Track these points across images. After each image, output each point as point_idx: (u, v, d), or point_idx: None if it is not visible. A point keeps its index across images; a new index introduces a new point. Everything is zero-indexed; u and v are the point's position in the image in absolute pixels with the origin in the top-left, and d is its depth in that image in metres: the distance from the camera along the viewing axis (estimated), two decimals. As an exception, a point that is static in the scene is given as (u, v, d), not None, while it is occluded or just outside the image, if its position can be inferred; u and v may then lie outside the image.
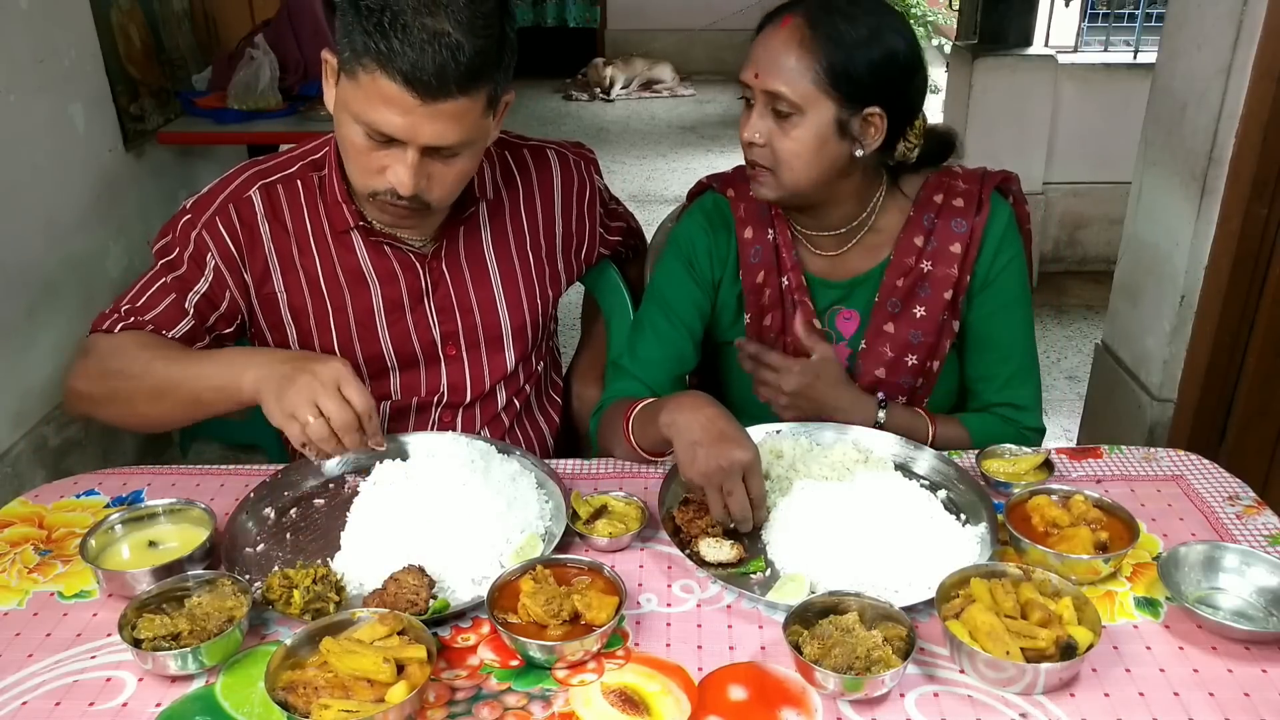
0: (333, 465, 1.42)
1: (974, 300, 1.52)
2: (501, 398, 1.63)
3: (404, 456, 1.38)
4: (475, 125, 1.31)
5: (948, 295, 1.50)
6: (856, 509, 1.24)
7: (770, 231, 1.55)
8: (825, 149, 1.39)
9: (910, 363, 1.52)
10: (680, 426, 1.27)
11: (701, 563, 1.22)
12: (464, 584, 1.19)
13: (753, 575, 1.22)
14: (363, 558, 1.22)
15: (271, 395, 1.26)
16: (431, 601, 1.14)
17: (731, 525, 1.26)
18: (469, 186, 1.47)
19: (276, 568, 1.19)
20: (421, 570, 1.15)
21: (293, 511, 1.35)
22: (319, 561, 1.22)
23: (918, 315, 1.51)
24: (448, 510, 1.24)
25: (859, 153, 1.41)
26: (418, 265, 1.51)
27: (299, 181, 1.49)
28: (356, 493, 1.32)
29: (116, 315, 1.45)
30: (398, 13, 1.21)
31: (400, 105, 1.24)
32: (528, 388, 1.67)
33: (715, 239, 1.57)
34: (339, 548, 1.24)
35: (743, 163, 1.57)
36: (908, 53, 1.40)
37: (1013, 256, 1.51)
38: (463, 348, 1.57)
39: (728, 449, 1.22)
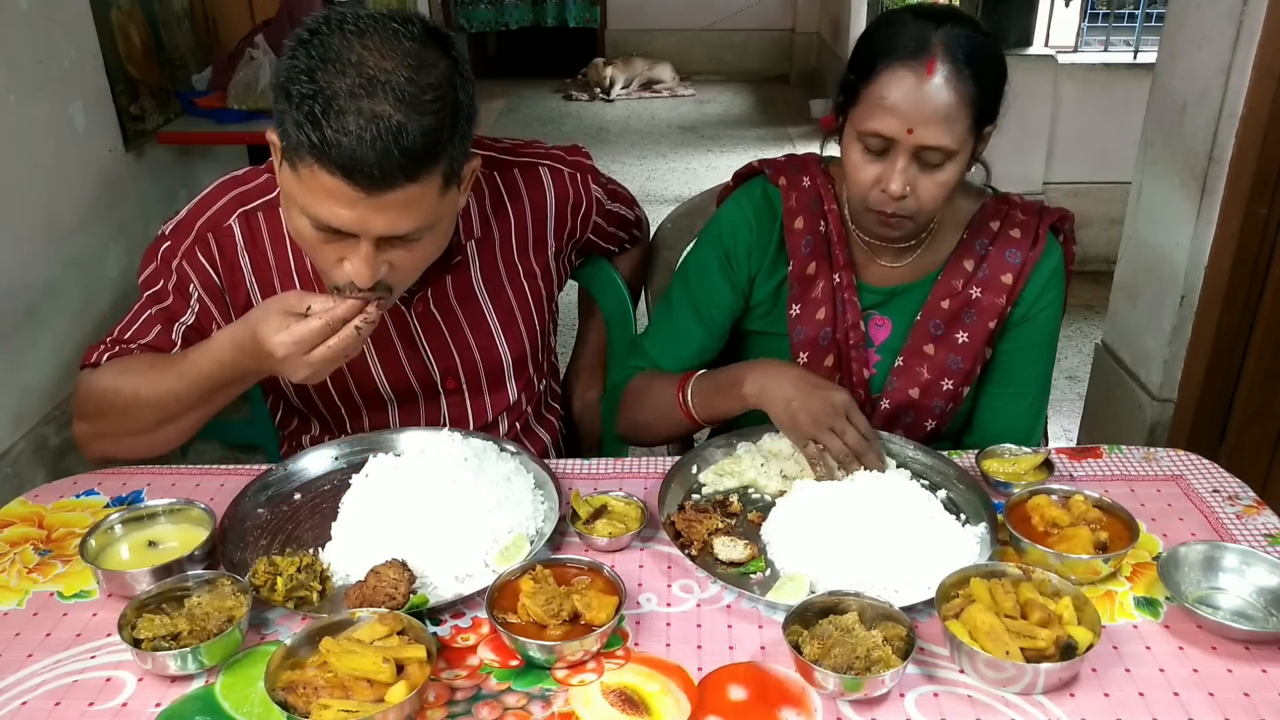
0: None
1: (1008, 332, 1.51)
2: (504, 426, 1.60)
3: (397, 452, 1.38)
4: (433, 207, 1.18)
5: (992, 324, 1.48)
6: (856, 509, 1.24)
7: (823, 224, 1.52)
8: (960, 179, 1.37)
9: (946, 387, 1.50)
10: (771, 392, 1.36)
11: (715, 561, 1.22)
12: (447, 581, 1.19)
13: (753, 575, 1.22)
14: (351, 549, 1.22)
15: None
16: (411, 596, 1.13)
17: (841, 473, 1.31)
18: (454, 234, 1.37)
19: (264, 555, 1.19)
20: (404, 564, 1.15)
21: (297, 496, 1.36)
22: (309, 550, 1.22)
23: (959, 341, 1.49)
24: (434, 507, 1.23)
25: (970, 170, 1.41)
26: (404, 310, 1.44)
27: (279, 209, 1.39)
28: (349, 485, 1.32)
29: (103, 346, 1.40)
30: (331, 98, 1.09)
31: (344, 198, 1.12)
32: (528, 409, 1.65)
33: (758, 233, 1.54)
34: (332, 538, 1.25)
35: (792, 153, 1.57)
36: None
37: (1054, 298, 1.50)
38: (463, 380, 1.54)
39: (825, 394, 1.33)
